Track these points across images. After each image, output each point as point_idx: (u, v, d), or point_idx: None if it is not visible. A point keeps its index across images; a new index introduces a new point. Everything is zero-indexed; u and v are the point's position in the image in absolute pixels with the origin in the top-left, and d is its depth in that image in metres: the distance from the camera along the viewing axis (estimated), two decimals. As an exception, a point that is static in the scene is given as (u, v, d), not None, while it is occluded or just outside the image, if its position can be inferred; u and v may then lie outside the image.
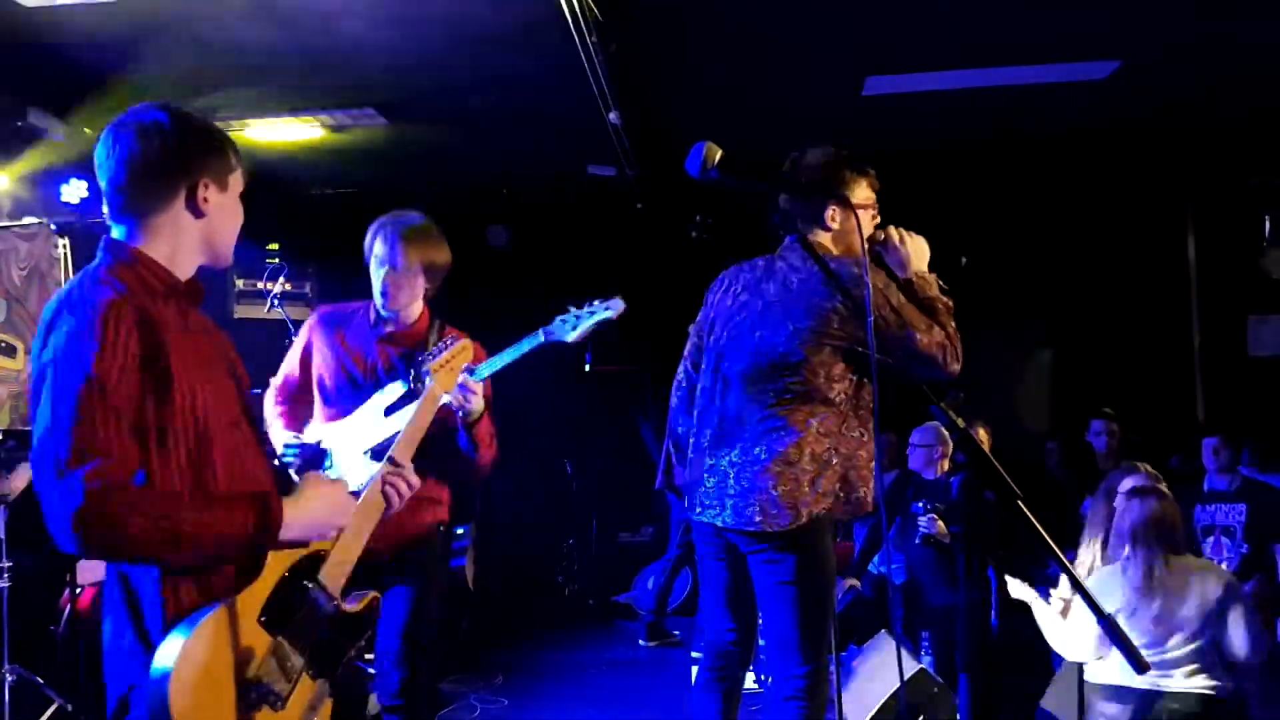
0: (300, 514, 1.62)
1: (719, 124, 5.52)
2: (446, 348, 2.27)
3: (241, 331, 3.89)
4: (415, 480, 1.92)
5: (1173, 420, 6.59)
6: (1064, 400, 7.10)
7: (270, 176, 5.92)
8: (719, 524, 2.56)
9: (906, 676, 3.63)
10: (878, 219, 2.59)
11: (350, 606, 1.79)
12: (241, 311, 5.57)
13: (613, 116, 4.85)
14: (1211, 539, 4.60)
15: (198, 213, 1.66)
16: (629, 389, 7.08)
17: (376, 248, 2.81)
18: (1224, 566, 3.95)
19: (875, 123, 5.54)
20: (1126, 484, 3.23)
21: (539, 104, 5.13)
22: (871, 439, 2.52)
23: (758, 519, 2.46)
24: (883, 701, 3.56)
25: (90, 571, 3.98)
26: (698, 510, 2.63)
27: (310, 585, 1.70)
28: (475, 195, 6.74)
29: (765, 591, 2.56)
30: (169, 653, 1.49)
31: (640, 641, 6.04)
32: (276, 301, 4.71)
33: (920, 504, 4.42)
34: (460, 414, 2.58)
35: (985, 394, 6.99)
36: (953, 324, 2.45)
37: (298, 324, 4.42)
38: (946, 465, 4.56)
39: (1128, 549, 3.05)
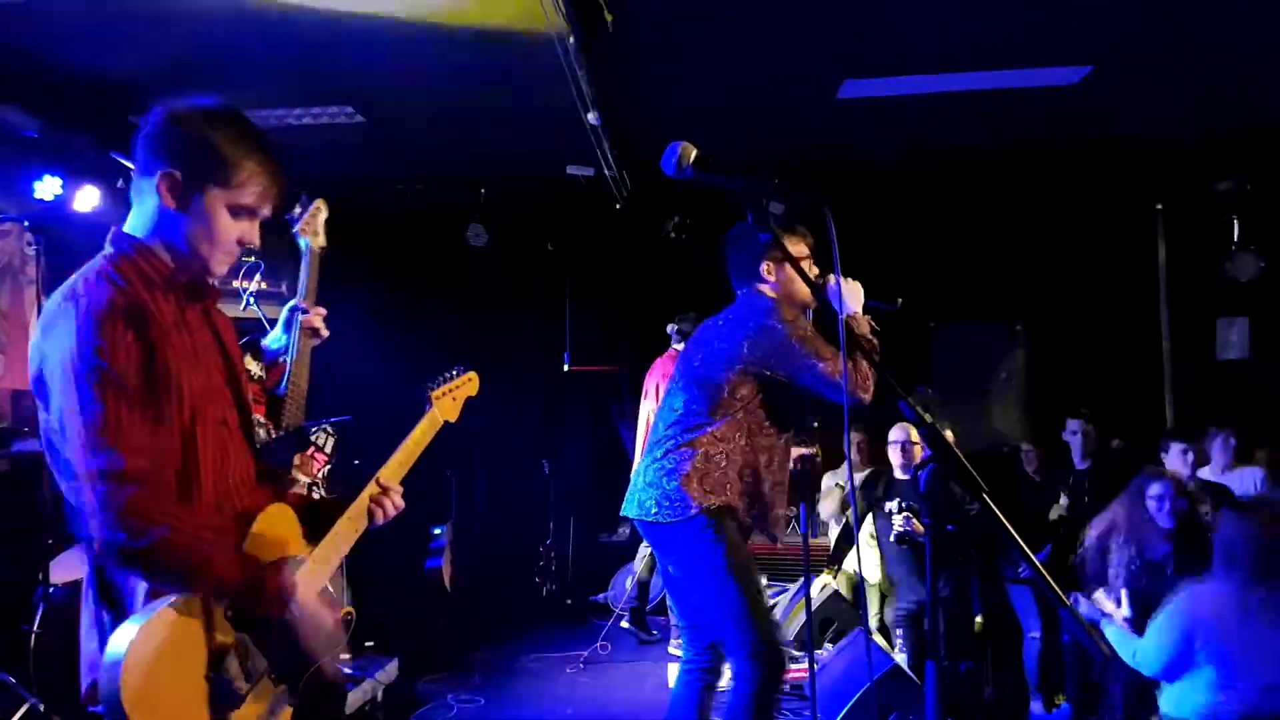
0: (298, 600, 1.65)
1: (697, 125, 5.56)
2: (451, 377, 2.26)
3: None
4: (401, 503, 1.92)
5: (1142, 421, 6.69)
6: (1038, 401, 7.20)
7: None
8: (631, 516, 2.91)
9: (882, 672, 3.68)
10: (815, 269, 2.95)
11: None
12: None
13: (592, 117, 4.87)
14: None
15: (173, 208, 1.64)
16: (607, 389, 7.10)
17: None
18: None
19: (851, 125, 5.59)
20: (1154, 489, 3.21)
21: (518, 104, 5.14)
22: (776, 453, 2.88)
23: (653, 511, 2.81)
24: (856, 697, 3.61)
25: (63, 569, 3.95)
26: (626, 508, 2.97)
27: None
28: (454, 194, 6.74)
29: (683, 580, 2.88)
30: (122, 639, 1.49)
31: (623, 624, 6.05)
32: (252, 300, 4.69)
33: (893, 502, 4.47)
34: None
35: (962, 394, 7.11)
36: (866, 361, 2.74)
37: (273, 322, 4.41)
38: (917, 461, 4.61)
39: (1227, 565, 2.85)
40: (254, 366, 2.77)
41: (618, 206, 6.42)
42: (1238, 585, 2.84)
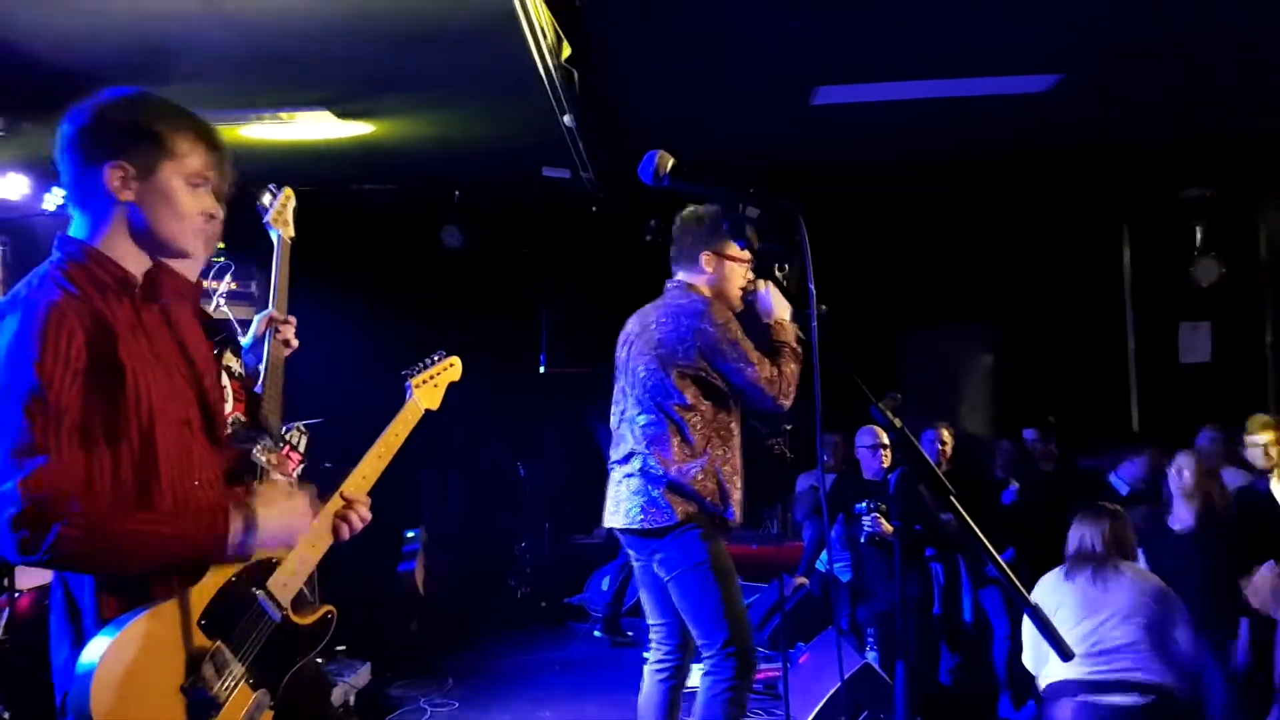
0: (259, 526, 1.62)
1: (672, 129, 5.58)
2: (433, 362, 2.18)
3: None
4: (367, 515, 1.85)
5: (1108, 424, 6.81)
6: (1007, 403, 7.29)
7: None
8: (617, 527, 2.94)
9: (851, 672, 3.72)
10: (750, 275, 2.99)
11: (300, 617, 1.75)
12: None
13: (567, 120, 4.88)
14: None
15: (118, 199, 1.60)
16: (583, 391, 7.11)
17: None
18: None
19: (825, 131, 5.64)
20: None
21: (493, 106, 5.14)
22: (732, 454, 2.92)
23: (640, 520, 2.84)
24: (828, 696, 3.64)
25: (29, 576, 3.89)
26: (606, 517, 3.01)
27: (259, 593, 1.67)
28: (428, 196, 6.72)
29: (669, 585, 2.91)
30: (94, 652, 1.47)
31: (595, 633, 6.07)
32: (222, 301, 4.65)
33: (863, 504, 4.52)
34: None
35: (933, 396, 7.19)
36: (792, 367, 2.80)
37: (244, 323, 4.37)
38: (887, 464, 4.67)
39: (1078, 552, 3.18)
40: (234, 363, 2.74)
41: (594, 209, 6.43)
42: (1080, 566, 3.14)
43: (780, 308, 2.90)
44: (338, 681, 4.42)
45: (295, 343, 2.66)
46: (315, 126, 5.36)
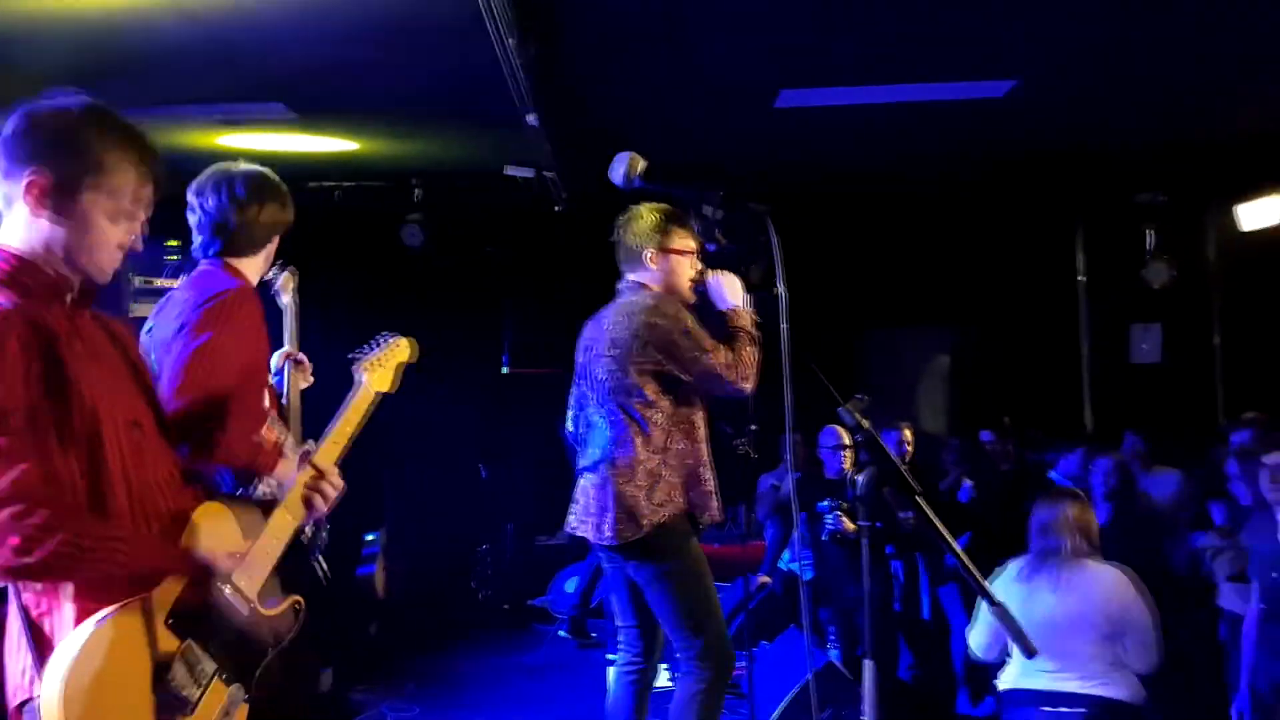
0: (215, 541, 1.62)
1: (636, 128, 5.59)
2: (380, 345, 2.15)
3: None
4: (339, 483, 1.86)
5: (1062, 422, 6.95)
6: (964, 403, 7.41)
7: (169, 170, 5.72)
8: (589, 539, 2.92)
9: (816, 669, 3.75)
10: (698, 265, 2.99)
11: (269, 610, 1.75)
12: (138, 310, 5.33)
13: (531, 118, 4.86)
14: None
15: (45, 215, 1.55)
16: (547, 392, 7.08)
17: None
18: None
19: (788, 134, 5.69)
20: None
21: (455, 103, 5.10)
22: (698, 447, 2.91)
23: (609, 533, 2.82)
24: (792, 694, 3.67)
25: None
26: (573, 525, 2.98)
27: (224, 588, 1.66)
28: (389, 194, 6.65)
29: (644, 591, 2.90)
30: (62, 658, 1.45)
31: (561, 633, 6.04)
32: (175, 301, 4.56)
33: (826, 502, 4.57)
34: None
35: (894, 396, 7.29)
36: (749, 350, 2.80)
37: (200, 323, 4.28)
38: (848, 464, 4.72)
39: (1040, 543, 3.13)
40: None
41: (557, 209, 6.41)
42: (1040, 566, 3.10)
43: (732, 293, 2.90)
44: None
45: (310, 379, 2.85)
46: (270, 122, 5.29)
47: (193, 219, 2.45)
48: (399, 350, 2.18)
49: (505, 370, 7.01)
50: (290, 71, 4.62)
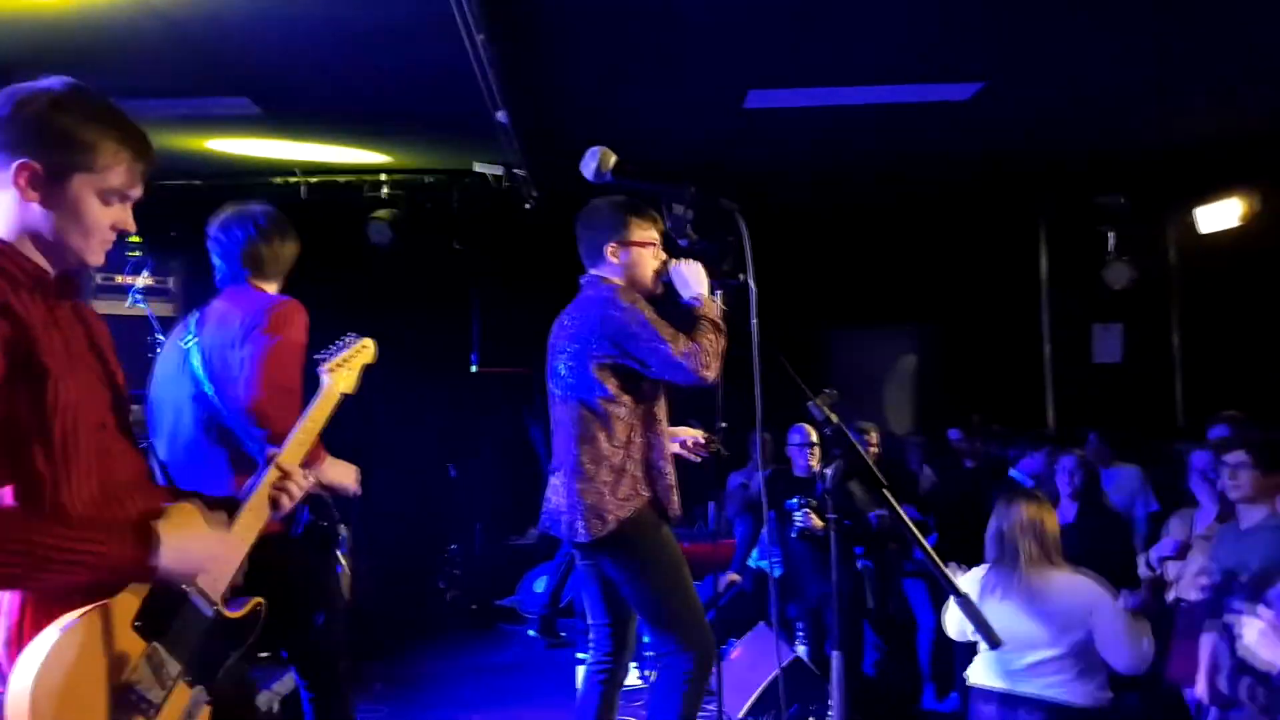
0: (183, 549, 1.58)
1: (605, 127, 5.59)
2: (344, 346, 2.15)
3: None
4: (305, 483, 1.86)
5: (1024, 420, 7.05)
6: (929, 401, 7.50)
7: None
8: (561, 537, 2.89)
9: (783, 665, 3.77)
10: (661, 256, 2.94)
11: (232, 612, 1.74)
12: (99, 307, 5.22)
13: (500, 115, 4.84)
14: None
15: (36, 201, 1.53)
16: (516, 390, 7.06)
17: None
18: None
19: (756, 134, 5.72)
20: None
21: (424, 99, 5.07)
22: (659, 440, 2.87)
23: (580, 531, 2.79)
24: (760, 690, 3.69)
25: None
26: (546, 524, 2.96)
27: (189, 590, 1.65)
28: (356, 188, 6.59)
29: (621, 588, 2.88)
30: (30, 660, 1.43)
31: (530, 632, 6.02)
32: (138, 297, 4.49)
33: (794, 500, 4.60)
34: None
35: (860, 395, 7.35)
36: (711, 338, 2.74)
37: (162, 320, 4.22)
38: (816, 462, 4.75)
39: (996, 549, 3.13)
40: None
41: (527, 206, 6.39)
42: (1000, 572, 3.10)
43: (696, 282, 2.84)
44: (262, 689, 4.31)
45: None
46: (236, 117, 5.23)
47: (217, 249, 2.83)
48: (364, 352, 2.19)
49: (474, 369, 6.97)
50: (256, 65, 4.57)
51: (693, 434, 3.05)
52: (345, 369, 2.12)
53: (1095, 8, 4.14)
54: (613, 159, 2.04)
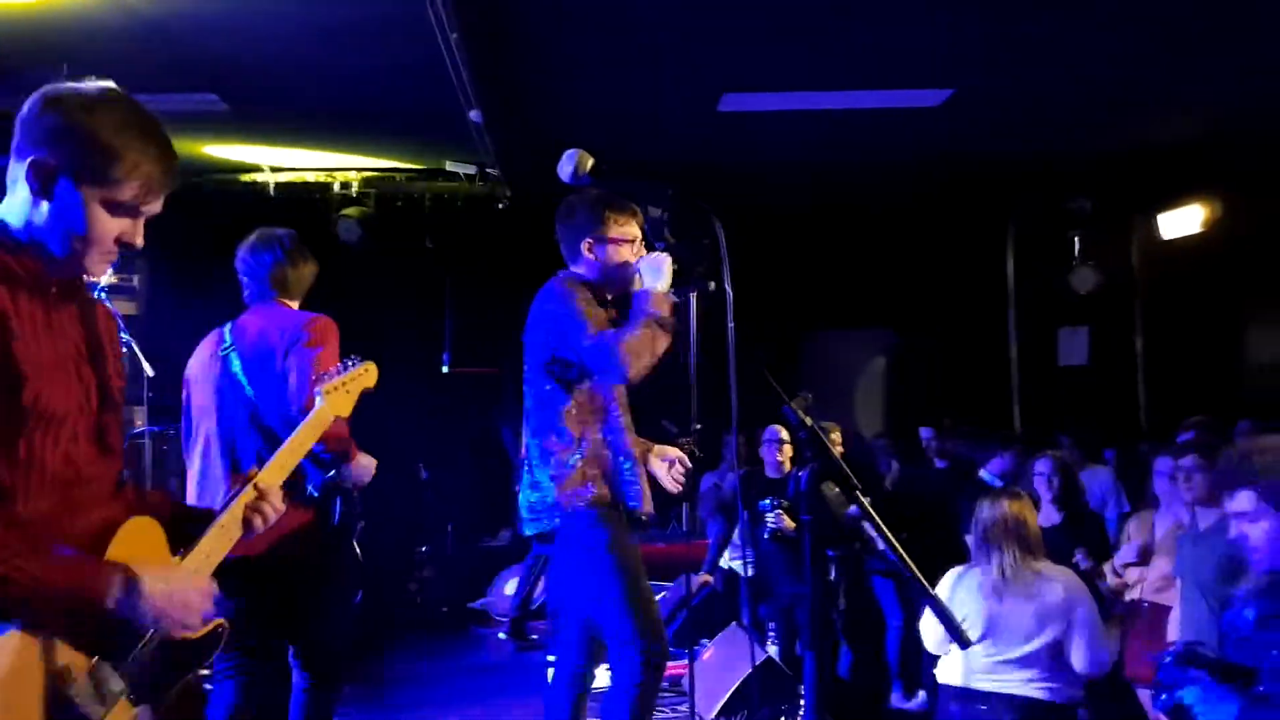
0: (148, 596, 1.51)
1: (580, 128, 5.58)
2: (346, 368, 2.13)
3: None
4: (281, 506, 1.80)
5: (992, 423, 7.14)
6: (898, 404, 7.57)
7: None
8: (528, 533, 2.87)
9: (755, 665, 3.79)
10: (641, 251, 2.83)
11: (190, 633, 1.66)
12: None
13: (474, 115, 4.83)
14: None
15: (44, 199, 1.51)
16: (488, 390, 7.03)
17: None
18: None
19: (730, 137, 5.75)
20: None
21: (397, 97, 5.04)
22: (616, 436, 2.79)
23: (534, 524, 2.78)
24: (732, 690, 3.71)
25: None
26: (519, 521, 2.95)
27: (143, 604, 1.54)
28: (326, 186, 6.54)
29: (569, 577, 2.86)
30: None
31: (500, 635, 6.00)
32: (103, 295, 4.42)
33: (766, 501, 4.62)
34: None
35: (830, 398, 7.40)
36: (642, 334, 2.59)
37: (126, 319, 4.15)
38: (787, 463, 4.78)
39: (980, 549, 3.13)
40: None
41: (500, 206, 6.38)
42: (988, 564, 3.11)
43: (654, 276, 2.70)
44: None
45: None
46: (203, 113, 5.16)
47: (245, 269, 3.07)
48: (365, 376, 2.16)
49: (446, 370, 6.93)
50: (225, 61, 4.52)
51: (679, 454, 2.97)
52: (342, 392, 2.09)
53: (1062, 18, 4.21)
54: (590, 161, 2.04)
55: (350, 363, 2.17)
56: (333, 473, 2.89)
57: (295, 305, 3.10)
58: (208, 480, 2.95)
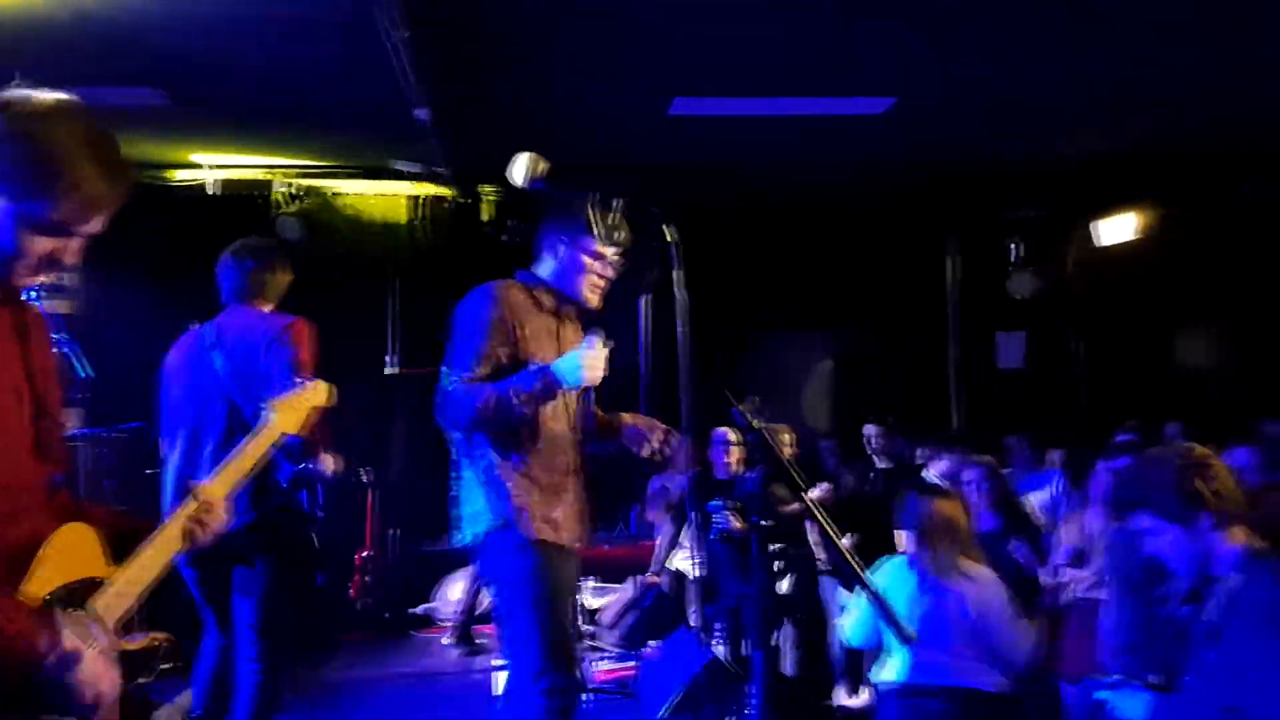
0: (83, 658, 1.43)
1: (528, 129, 5.57)
2: (297, 387, 2.09)
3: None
4: (226, 518, 1.75)
5: (932, 423, 7.28)
6: (842, 405, 7.68)
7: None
8: (461, 544, 2.75)
9: (701, 666, 3.82)
10: (609, 274, 2.72)
11: (129, 643, 1.63)
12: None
13: (420, 113, 4.78)
14: None
15: None
16: (432, 392, 6.93)
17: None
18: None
19: (680, 141, 5.79)
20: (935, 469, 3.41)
21: (342, 94, 4.97)
22: (537, 458, 2.61)
23: (465, 532, 2.68)
24: (679, 692, 3.72)
25: None
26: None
27: (80, 614, 1.51)
28: (266, 185, 6.41)
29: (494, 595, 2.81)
30: None
31: (444, 640, 5.93)
32: (35, 295, 4.28)
33: (716, 502, 4.64)
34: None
35: (776, 398, 7.46)
36: (495, 404, 2.49)
37: (63, 318, 4.03)
38: (735, 464, 4.82)
39: (914, 545, 3.20)
40: None
41: (446, 205, 6.32)
42: (915, 565, 3.19)
43: (569, 370, 2.48)
44: (165, 703, 4.14)
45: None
46: (146, 108, 5.03)
47: (227, 273, 3.23)
48: (314, 394, 2.11)
49: (392, 370, 6.83)
50: (167, 55, 4.41)
51: (655, 426, 2.80)
52: (289, 408, 2.04)
53: (1003, 29, 4.32)
54: (542, 164, 2.02)
55: (303, 381, 2.14)
56: (303, 465, 3.12)
57: (269, 308, 3.26)
58: (184, 480, 2.90)
